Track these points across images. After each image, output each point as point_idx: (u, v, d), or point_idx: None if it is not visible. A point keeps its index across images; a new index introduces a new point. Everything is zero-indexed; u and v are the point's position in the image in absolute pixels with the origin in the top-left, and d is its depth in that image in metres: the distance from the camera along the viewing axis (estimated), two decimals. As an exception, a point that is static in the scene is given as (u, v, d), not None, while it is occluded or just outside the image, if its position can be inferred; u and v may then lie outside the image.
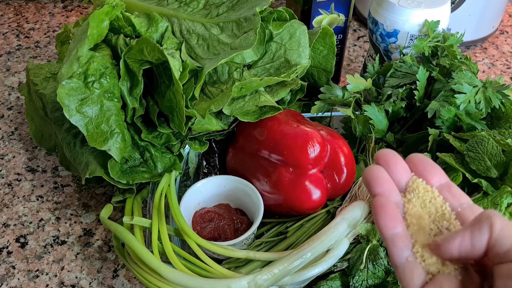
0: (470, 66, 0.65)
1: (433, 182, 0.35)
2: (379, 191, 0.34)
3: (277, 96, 0.61)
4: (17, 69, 0.91)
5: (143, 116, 0.61)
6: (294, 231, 0.59)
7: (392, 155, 0.34)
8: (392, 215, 0.33)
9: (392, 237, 0.33)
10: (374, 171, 0.34)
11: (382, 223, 0.33)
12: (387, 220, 0.33)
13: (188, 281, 0.49)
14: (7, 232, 0.65)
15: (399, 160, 0.35)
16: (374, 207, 0.33)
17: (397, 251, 0.33)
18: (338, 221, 0.55)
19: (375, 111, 0.62)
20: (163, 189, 0.57)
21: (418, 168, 0.35)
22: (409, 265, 0.32)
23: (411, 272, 0.32)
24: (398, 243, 0.33)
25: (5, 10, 1.06)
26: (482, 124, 0.59)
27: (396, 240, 0.33)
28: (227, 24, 0.61)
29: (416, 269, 0.32)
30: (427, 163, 0.35)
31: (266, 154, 0.59)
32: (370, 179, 0.34)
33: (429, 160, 0.35)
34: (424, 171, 0.35)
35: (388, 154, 0.34)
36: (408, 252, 0.33)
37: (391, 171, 0.34)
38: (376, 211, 0.33)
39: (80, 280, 0.60)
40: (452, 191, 0.35)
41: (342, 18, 0.75)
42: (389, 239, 0.33)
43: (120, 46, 0.59)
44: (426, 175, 0.35)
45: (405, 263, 0.33)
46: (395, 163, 0.34)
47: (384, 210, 0.33)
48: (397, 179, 0.35)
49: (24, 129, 0.79)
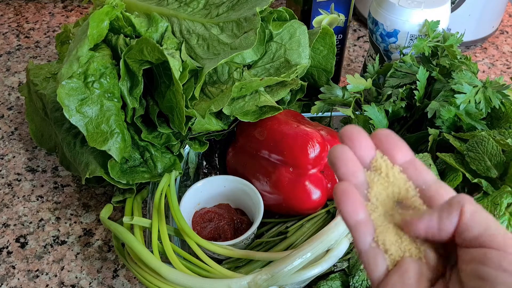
0: (470, 66, 0.65)
1: (397, 158, 0.33)
2: (343, 171, 0.33)
3: (277, 96, 0.61)
4: (17, 69, 0.91)
5: (143, 116, 0.61)
6: (294, 231, 0.59)
7: (357, 132, 0.33)
8: (354, 202, 0.32)
9: (355, 224, 0.32)
10: (338, 151, 0.33)
11: (345, 210, 0.32)
12: (349, 207, 0.32)
13: (188, 281, 0.49)
14: (7, 232, 0.65)
15: (363, 136, 0.33)
16: (335, 193, 0.32)
17: (360, 237, 0.32)
18: (338, 221, 0.55)
19: (375, 111, 0.62)
20: (163, 189, 0.57)
21: (382, 143, 0.34)
22: (373, 251, 0.32)
23: (374, 258, 0.32)
24: (361, 229, 0.32)
25: (5, 10, 1.06)
26: (482, 124, 0.59)
27: (358, 227, 0.32)
28: (227, 24, 0.61)
29: (379, 256, 0.32)
30: (391, 138, 0.34)
31: (266, 154, 0.59)
32: (334, 159, 0.33)
33: (394, 136, 0.34)
34: (388, 147, 0.34)
35: (352, 131, 0.33)
36: (370, 238, 0.32)
37: (355, 149, 0.33)
38: (338, 199, 0.32)
39: (80, 280, 0.60)
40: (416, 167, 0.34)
41: (342, 18, 0.75)
42: (352, 226, 0.32)
43: (120, 46, 0.59)
44: (391, 151, 0.33)
45: (369, 250, 0.32)
46: (359, 140, 0.33)
47: (347, 197, 0.32)
48: (362, 156, 0.33)
49: (24, 129, 0.79)
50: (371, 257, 0.32)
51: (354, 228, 0.32)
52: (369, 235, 0.32)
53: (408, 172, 0.33)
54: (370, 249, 0.32)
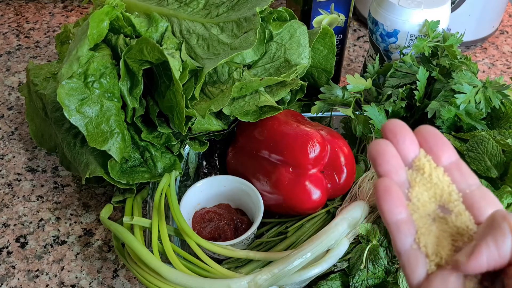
0: (470, 66, 0.65)
1: (442, 158, 0.32)
2: (385, 169, 0.31)
3: (277, 96, 0.61)
4: (17, 69, 0.91)
5: (143, 116, 0.61)
6: (294, 231, 0.59)
7: (401, 127, 0.31)
8: (396, 200, 0.31)
9: (396, 223, 0.31)
10: (381, 146, 0.31)
11: (386, 207, 0.31)
12: (391, 205, 0.30)
13: (188, 281, 0.49)
14: (7, 232, 0.65)
15: (408, 132, 0.32)
16: (377, 190, 0.31)
17: (401, 237, 0.31)
18: (338, 221, 0.55)
19: (375, 111, 0.62)
20: (163, 189, 0.57)
21: (427, 142, 0.32)
22: (414, 253, 0.31)
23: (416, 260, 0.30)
24: (402, 229, 0.31)
25: (5, 10, 1.06)
26: (482, 124, 0.59)
27: (400, 226, 0.31)
28: (227, 24, 0.61)
29: (421, 258, 0.30)
30: (437, 138, 0.32)
31: (266, 154, 0.59)
32: (376, 155, 0.31)
33: (439, 134, 0.32)
34: (434, 146, 0.32)
35: (396, 126, 0.31)
36: (412, 239, 0.31)
37: (399, 145, 0.31)
38: (380, 195, 0.30)
39: (80, 280, 0.60)
40: (461, 169, 0.32)
41: (342, 18, 0.75)
42: (392, 225, 0.31)
43: (120, 46, 0.59)
44: (436, 151, 0.32)
45: (410, 251, 0.31)
46: (403, 136, 0.31)
47: (388, 194, 0.30)
48: (405, 154, 0.32)
49: (24, 129, 0.79)
50: (412, 258, 0.31)
51: (394, 227, 0.31)
52: (410, 235, 0.31)
53: (452, 174, 0.32)
54: (411, 250, 0.31)
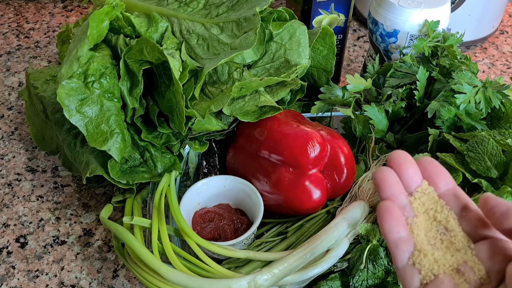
0: (470, 66, 0.65)
1: (440, 186, 0.36)
2: (387, 194, 0.35)
3: (277, 96, 0.61)
4: (17, 69, 0.91)
5: (143, 116, 0.61)
6: (294, 231, 0.59)
7: (404, 159, 0.35)
8: (396, 220, 0.34)
9: (395, 241, 0.34)
10: (385, 174, 0.35)
11: (387, 227, 0.34)
12: (391, 225, 0.34)
13: (188, 281, 0.49)
14: (7, 232, 0.65)
15: (411, 164, 0.35)
16: (379, 211, 0.34)
17: (399, 254, 0.34)
18: (338, 221, 0.55)
19: (375, 111, 0.62)
20: (163, 189, 0.57)
21: (427, 170, 0.36)
22: (410, 269, 0.34)
23: (411, 276, 0.33)
24: (401, 246, 0.34)
25: (5, 10, 1.06)
26: (482, 124, 0.59)
27: (399, 244, 0.34)
28: (227, 24, 0.61)
29: (415, 274, 0.34)
30: (435, 167, 0.36)
31: (266, 154, 0.59)
32: (380, 181, 0.35)
33: (438, 164, 0.36)
34: (432, 173, 0.36)
35: (400, 157, 0.35)
36: (408, 255, 0.34)
37: (402, 175, 0.35)
38: (381, 215, 0.34)
39: (80, 280, 0.60)
40: (458, 196, 0.36)
41: (342, 18, 0.75)
42: (392, 243, 0.34)
43: (120, 46, 0.59)
44: (434, 179, 0.36)
45: (406, 267, 0.34)
46: (406, 168, 0.35)
47: (389, 215, 0.34)
48: (407, 182, 0.35)
49: (24, 129, 0.79)
50: (408, 274, 0.34)
51: (394, 244, 0.34)
52: (408, 252, 0.34)
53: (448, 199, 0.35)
54: (407, 266, 0.34)
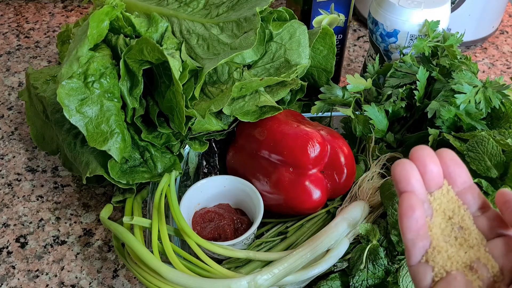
0: (470, 66, 0.65)
1: (459, 183, 0.35)
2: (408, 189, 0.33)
3: (277, 96, 0.61)
4: (17, 69, 0.91)
5: (143, 116, 0.61)
6: (294, 231, 0.59)
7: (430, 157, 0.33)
8: (417, 219, 0.33)
9: (413, 239, 0.33)
10: (407, 169, 0.33)
11: (407, 225, 0.33)
12: (412, 223, 0.33)
13: (188, 281, 0.49)
14: (7, 232, 0.65)
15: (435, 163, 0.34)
16: (402, 205, 0.32)
17: (415, 251, 0.34)
18: (338, 221, 0.55)
19: (375, 111, 0.62)
20: (163, 189, 0.57)
21: (447, 165, 0.34)
22: (423, 266, 0.34)
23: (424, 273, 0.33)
24: (417, 244, 0.33)
25: (5, 10, 1.06)
26: (482, 124, 0.59)
27: (416, 242, 0.33)
28: (227, 24, 0.61)
29: (428, 270, 0.34)
30: (456, 163, 0.35)
31: (266, 154, 0.59)
32: (401, 177, 0.33)
33: (459, 160, 0.35)
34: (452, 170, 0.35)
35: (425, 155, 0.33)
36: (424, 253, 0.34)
37: (426, 173, 0.34)
38: (404, 212, 0.32)
39: (80, 280, 0.60)
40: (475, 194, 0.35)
41: (342, 18, 0.75)
42: (410, 240, 0.33)
43: (120, 46, 0.59)
44: (454, 175, 0.35)
45: (420, 264, 0.34)
46: (431, 168, 0.33)
47: (412, 212, 0.32)
48: (429, 181, 0.34)
49: (24, 129, 0.79)
50: (421, 271, 0.34)
51: (411, 242, 0.33)
52: (423, 250, 0.34)
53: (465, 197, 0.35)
54: (420, 264, 0.34)
